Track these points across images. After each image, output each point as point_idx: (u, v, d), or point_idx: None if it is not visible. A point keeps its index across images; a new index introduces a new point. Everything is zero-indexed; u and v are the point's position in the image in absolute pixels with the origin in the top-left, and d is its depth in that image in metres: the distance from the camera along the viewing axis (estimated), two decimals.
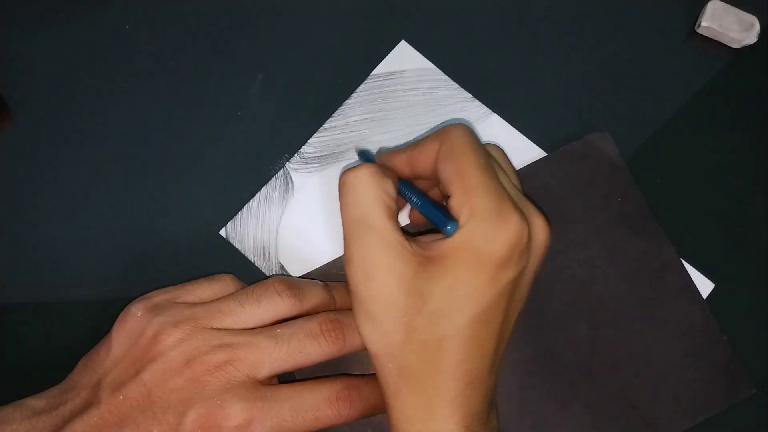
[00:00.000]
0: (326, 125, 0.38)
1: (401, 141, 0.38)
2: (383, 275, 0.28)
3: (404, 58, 0.39)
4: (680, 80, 0.40)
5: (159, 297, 0.31)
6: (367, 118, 0.38)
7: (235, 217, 0.37)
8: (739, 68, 0.40)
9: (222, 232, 0.37)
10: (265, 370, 0.29)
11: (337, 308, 0.34)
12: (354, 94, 0.39)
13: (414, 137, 0.38)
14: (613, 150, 0.38)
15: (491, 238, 0.27)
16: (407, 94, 0.39)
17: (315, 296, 0.32)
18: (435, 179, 0.30)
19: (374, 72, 0.39)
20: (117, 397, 0.28)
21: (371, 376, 0.32)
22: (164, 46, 0.40)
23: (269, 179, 0.38)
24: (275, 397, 0.29)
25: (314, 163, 0.38)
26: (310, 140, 0.38)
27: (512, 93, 0.39)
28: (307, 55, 0.39)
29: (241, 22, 0.40)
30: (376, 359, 0.29)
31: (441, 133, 0.29)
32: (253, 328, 0.30)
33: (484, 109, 0.39)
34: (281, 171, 0.38)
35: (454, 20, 0.40)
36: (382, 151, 0.33)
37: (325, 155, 0.38)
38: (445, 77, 0.39)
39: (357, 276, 0.28)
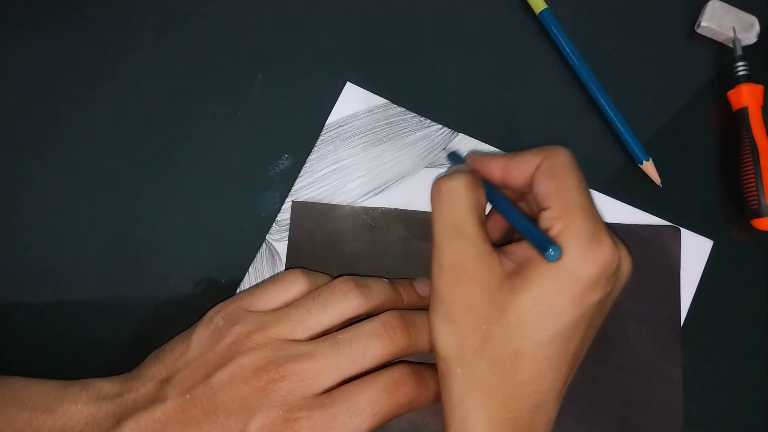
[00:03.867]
0: (296, 186, 0.37)
1: (375, 184, 0.38)
2: (470, 282, 0.28)
3: (354, 100, 0.39)
4: (680, 80, 0.40)
5: (235, 305, 0.32)
6: (334, 169, 0.38)
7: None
8: None
9: None
10: (330, 379, 0.29)
11: (404, 305, 0.34)
12: (314, 149, 0.38)
13: (389, 176, 0.38)
14: (676, 251, 0.37)
15: (583, 258, 0.26)
16: (368, 135, 0.38)
17: (381, 293, 0.32)
18: (522, 191, 0.31)
19: (328, 122, 0.38)
20: (184, 396, 0.29)
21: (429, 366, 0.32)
22: (164, 46, 0.39)
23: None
24: (332, 402, 0.29)
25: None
26: (283, 206, 0.37)
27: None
28: (307, 55, 0.39)
29: (241, 22, 0.40)
30: (444, 362, 0.28)
31: (544, 149, 0.30)
32: (321, 333, 0.31)
33: (446, 131, 0.38)
34: (264, 245, 0.37)
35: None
36: (472, 153, 0.32)
37: None
38: (400, 108, 0.39)
39: (444, 279, 0.29)
